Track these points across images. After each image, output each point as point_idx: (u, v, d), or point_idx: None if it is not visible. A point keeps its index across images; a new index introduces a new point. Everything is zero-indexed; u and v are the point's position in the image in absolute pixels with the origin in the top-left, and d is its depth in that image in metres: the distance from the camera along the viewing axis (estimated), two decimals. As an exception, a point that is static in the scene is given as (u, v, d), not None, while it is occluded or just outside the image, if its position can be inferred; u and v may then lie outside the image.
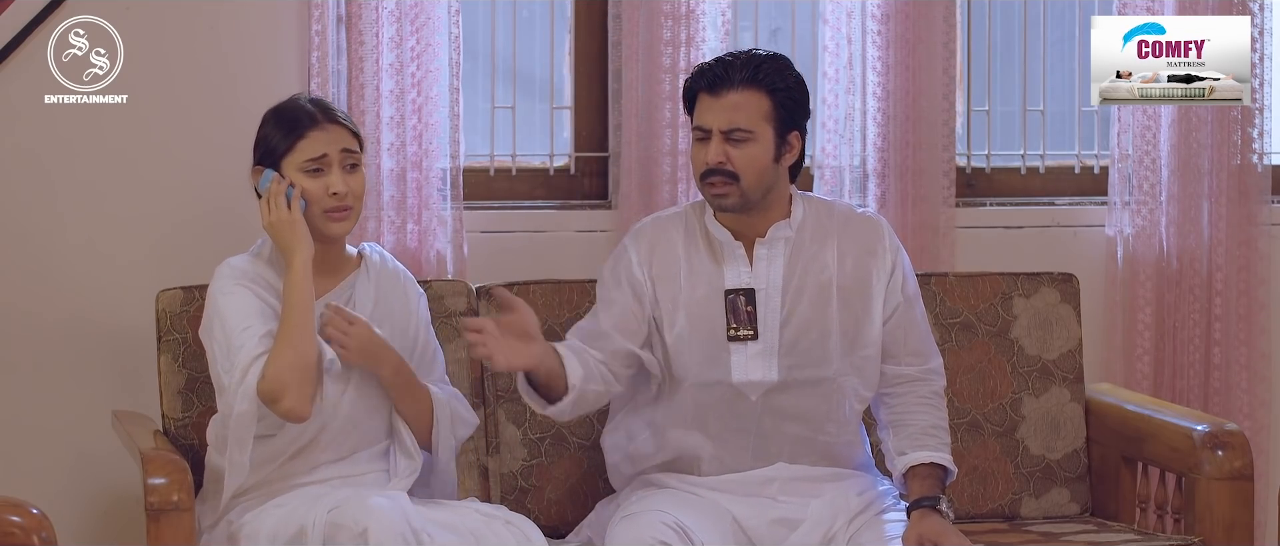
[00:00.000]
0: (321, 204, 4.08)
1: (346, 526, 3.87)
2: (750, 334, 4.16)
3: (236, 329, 4.02)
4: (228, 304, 4.05)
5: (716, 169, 4.10)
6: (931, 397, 4.26)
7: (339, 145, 4.10)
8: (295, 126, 4.09)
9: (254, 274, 4.10)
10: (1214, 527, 4.39)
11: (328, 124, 4.10)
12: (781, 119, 4.12)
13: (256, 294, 4.06)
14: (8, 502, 3.51)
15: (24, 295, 4.76)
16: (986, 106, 5.23)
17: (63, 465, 4.79)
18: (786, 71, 4.15)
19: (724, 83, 4.10)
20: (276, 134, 4.10)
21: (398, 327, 4.17)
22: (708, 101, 4.12)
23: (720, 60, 4.15)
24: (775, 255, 4.18)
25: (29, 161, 4.75)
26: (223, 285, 4.08)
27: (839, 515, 4.16)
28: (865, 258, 4.22)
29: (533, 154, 5.08)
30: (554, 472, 4.55)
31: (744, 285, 4.17)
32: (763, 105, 4.11)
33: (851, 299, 4.20)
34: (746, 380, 4.16)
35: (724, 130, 4.09)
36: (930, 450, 4.19)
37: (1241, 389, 5.14)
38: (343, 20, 4.82)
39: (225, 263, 4.13)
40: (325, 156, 4.08)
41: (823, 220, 4.23)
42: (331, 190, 4.08)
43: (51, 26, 4.70)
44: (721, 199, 4.12)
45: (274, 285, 4.09)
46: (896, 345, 4.23)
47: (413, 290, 4.25)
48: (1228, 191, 5.11)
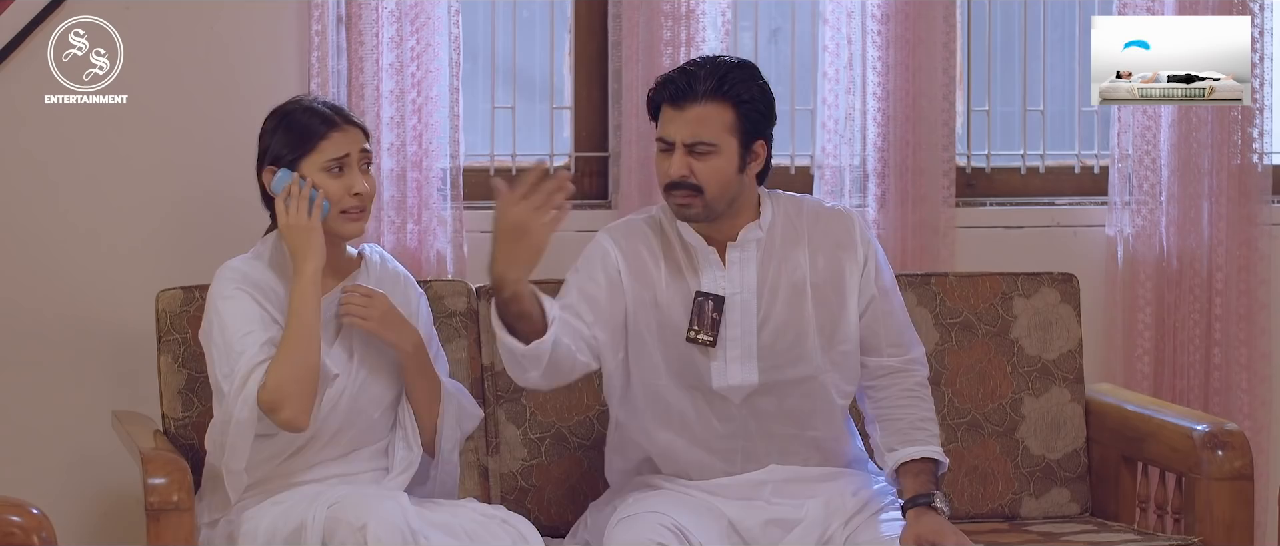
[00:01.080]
0: (341, 204, 4.07)
1: (346, 522, 3.88)
2: (709, 340, 4.12)
3: (237, 334, 4.01)
4: (228, 308, 4.04)
5: (680, 182, 4.07)
6: (917, 389, 4.23)
7: (358, 145, 4.10)
8: (317, 127, 4.08)
9: (255, 278, 4.09)
10: (1214, 527, 4.38)
11: (346, 124, 4.10)
12: (746, 130, 4.08)
13: (256, 299, 4.05)
14: (8, 502, 3.51)
15: (24, 295, 4.76)
16: (986, 106, 5.23)
17: (63, 465, 4.79)
18: (751, 81, 4.09)
19: (687, 95, 4.05)
20: (300, 130, 4.09)
21: None
22: (671, 114, 4.07)
23: (683, 71, 4.09)
24: (748, 258, 4.16)
25: (29, 161, 4.75)
26: (223, 289, 4.07)
27: (835, 516, 4.15)
28: (837, 253, 4.20)
29: (533, 154, 5.08)
30: (554, 472, 4.55)
31: (717, 291, 4.14)
32: (727, 117, 4.06)
33: (826, 295, 4.18)
34: (726, 385, 4.14)
35: (687, 143, 4.05)
36: (920, 444, 4.17)
37: (1241, 389, 5.14)
38: (343, 20, 4.82)
39: (225, 266, 4.13)
40: (347, 156, 4.08)
41: (792, 219, 4.21)
42: (354, 190, 4.07)
43: (51, 26, 4.70)
44: (685, 209, 4.10)
45: (275, 290, 4.08)
46: (875, 337, 4.21)
47: (413, 291, 4.24)
48: (1228, 191, 5.11)
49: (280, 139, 4.10)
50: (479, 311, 4.58)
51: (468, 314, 4.58)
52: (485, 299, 4.53)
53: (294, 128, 4.10)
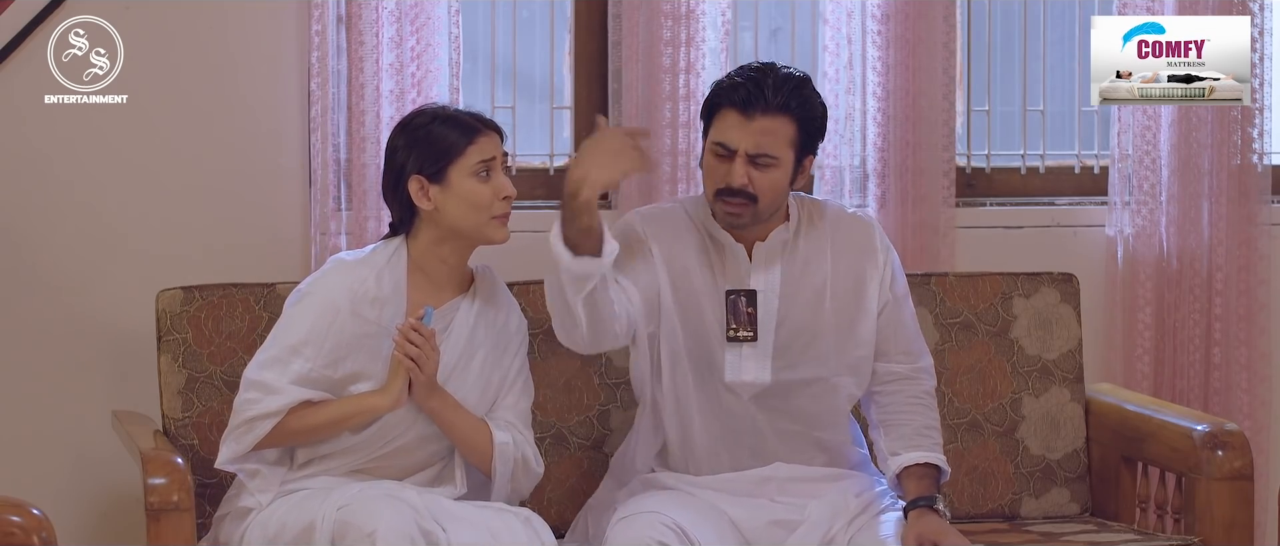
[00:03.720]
0: (492, 209, 4.04)
1: (355, 526, 3.87)
2: (750, 335, 4.15)
3: (286, 344, 4.01)
4: (299, 311, 4.04)
5: (739, 190, 4.07)
6: (923, 397, 4.25)
7: (499, 148, 4.09)
8: (469, 130, 4.05)
9: (355, 287, 4.04)
10: (1214, 527, 4.39)
11: (488, 129, 4.08)
12: (803, 144, 4.10)
13: (336, 320, 4.01)
14: (8, 503, 3.51)
15: (24, 295, 4.76)
16: (986, 106, 5.23)
17: (63, 465, 4.79)
18: (815, 98, 4.11)
19: (758, 104, 4.04)
20: (451, 135, 4.04)
21: (491, 359, 4.15)
22: (736, 119, 4.06)
23: (753, 79, 4.06)
24: (774, 257, 4.18)
25: (29, 161, 4.75)
26: (315, 287, 4.06)
27: (838, 517, 4.15)
28: (858, 258, 4.22)
29: (533, 154, 5.08)
30: (554, 472, 4.55)
31: (745, 286, 4.16)
32: (789, 131, 4.07)
33: (845, 299, 4.20)
34: (739, 380, 4.16)
35: (751, 153, 4.05)
36: (924, 450, 4.19)
37: (1241, 389, 5.14)
38: (343, 20, 4.82)
39: (335, 260, 4.12)
40: (494, 158, 4.06)
41: (816, 222, 4.23)
42: (503, 194, 4.05)
43: (51, 26, 4.70)
44: (735, 218, 4.09)
45: (374, 296, 4.04)
46: (887, 342, 4.23)
47: (516, 317, 4.22)
48: (1228, 191, 5.11)
49: (431, 145, 4.05)
50: (479, 311, 4.58)
51: (468, 314, 4.58)
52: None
53: (445, 133, 4.05)
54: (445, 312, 4.10)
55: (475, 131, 4.06)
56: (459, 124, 4.07)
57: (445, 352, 4.07)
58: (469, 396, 4.10)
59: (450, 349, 4.09)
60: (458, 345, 4.10)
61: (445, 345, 4.07)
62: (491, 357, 4.14)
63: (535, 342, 4.51)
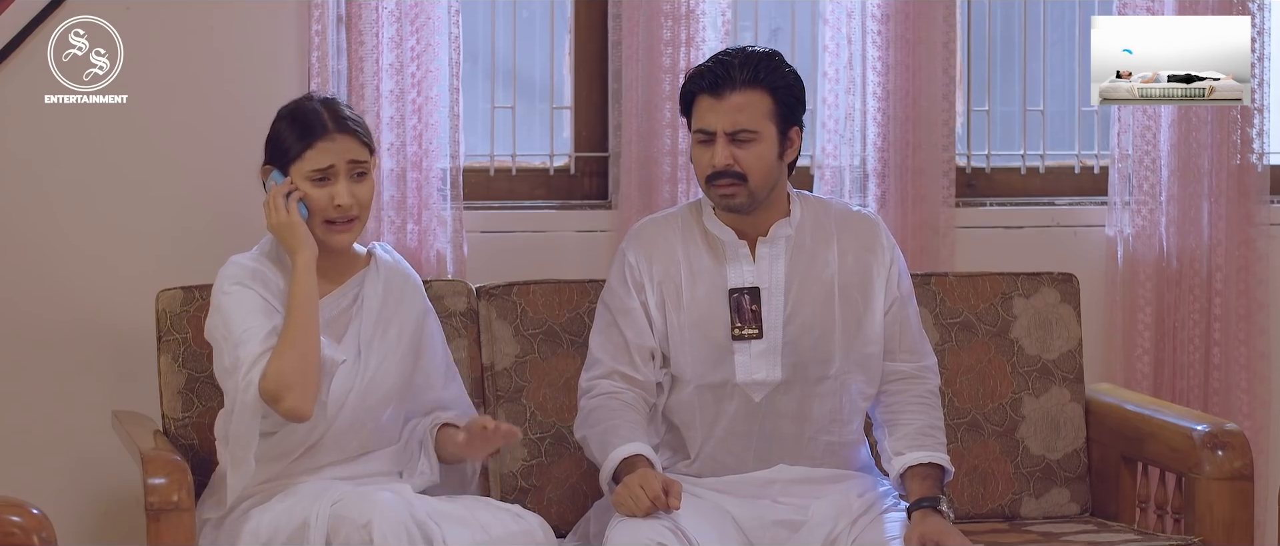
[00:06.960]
0: (324, 214, 4.08)
1: (350, 519, 3.88)
2: (755, 332, 4.16)
3: (239, 326, 4.03)
4: (230, 303, 4.06)
5: (724, 171, 4.10)
6: (926, 396, 4.26)
7: (346, 156, 4.09)
8: (306, 134, 4.08)
9: (257, 272, 4.10)
10: (1214, 527, 4.39)
11: (338, 134, 4.09)
12: (783, 116, 4.13)
13: (258, 293, 4.06)
14: (8, 502, 3.51)
15: (24, 295, 4.76)
16: (986, 106, 5.23)
17: (63, 465, 4.79)
18: (784, 67, 4.16)
19: (726, 83, 4.10)
20: (288, 138, 4.10)
21: (407, 327, 4.18)
22: (709, 103, 4.12)
23: (718, 61, 4.14)
24: (777, 253, 4.19)
25: (29, 161, 4.75)
26: (224, 284, 4.10)
27: (841, 517, 4.16)
28: (865, 255, 4.23)
29: (533, 154, 5.08)
30: (554, 472, 4.55)
31: (748, 284, 4.17)
32: (765, 104, 4.11)
33: (853, 296, 4.21)
34: (751, 380, 4.17)
35: (729, 131, 4.10)
36: (928, 450, 4.19)
37: (1241, 389, 5.14)
38: (343, 20, 4.82)
39: (229, 261, 4.14)
40: (332, 167, 4.08)
41: (821, 218, 4.24)
42: (336, 202, 4.07)
43: (51, 26, 4.70)
44: (730, 199, 4.12)
45: (278, 283, 4.10)
46: (892, 340, 4.24)
47: (417, 292, 4.25)
48: (1227, 191, 5.11)
49: (275, 143, 4.12)
50: (479, 311, 4.58)
51: (468, 314, 4.58)
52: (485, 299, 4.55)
53: (290, 131, 4.11)
54: (348, 289, 4.14)
55: (314, 136, 4.08)
56: (304, 125, 4.09)
57: (361, 323, 4.12)
58: (389, 371, 4.13)
59: (366, 319, 4.13)
60: (371, 315, 4.13)
61: (359, 317, 4.12)
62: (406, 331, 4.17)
63: (535, 342, 4.51)
